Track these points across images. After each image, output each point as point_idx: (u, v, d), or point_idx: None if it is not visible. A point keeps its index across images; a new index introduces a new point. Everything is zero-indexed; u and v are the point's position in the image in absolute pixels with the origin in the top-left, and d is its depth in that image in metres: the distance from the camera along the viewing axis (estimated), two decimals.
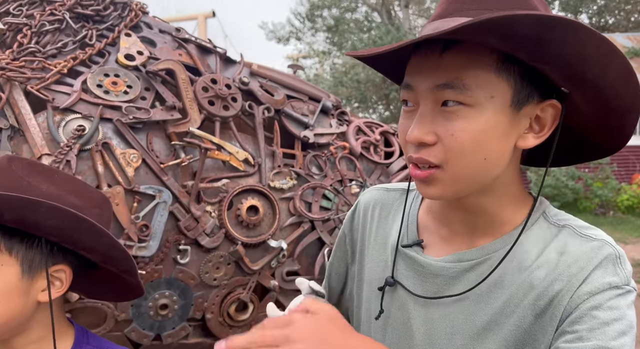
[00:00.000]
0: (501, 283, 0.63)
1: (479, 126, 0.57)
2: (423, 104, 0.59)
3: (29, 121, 1.29)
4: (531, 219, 0.65)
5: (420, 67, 0.59)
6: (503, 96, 0.57)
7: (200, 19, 8.19)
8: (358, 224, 0.82)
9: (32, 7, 1.50)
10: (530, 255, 0.63)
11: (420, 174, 0.60)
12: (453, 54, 0.57)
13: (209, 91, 1.62)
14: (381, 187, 0.82)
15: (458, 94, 0.56)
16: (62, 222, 0.71)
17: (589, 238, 0.62)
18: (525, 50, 0.54)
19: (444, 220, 0.70)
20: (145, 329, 1.47)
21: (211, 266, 1.51)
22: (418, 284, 0.68)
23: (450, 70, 0.57)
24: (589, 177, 8.76)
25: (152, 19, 1.75)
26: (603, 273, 0.58)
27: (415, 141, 0.58)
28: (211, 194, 1.54)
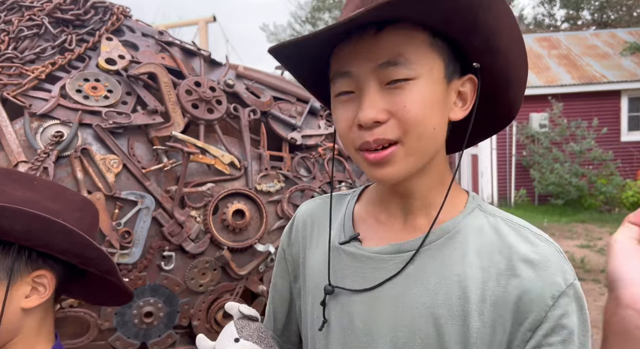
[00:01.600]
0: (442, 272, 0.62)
1: (425, 96, 0.59)
2: (366, 86, 0.60)
3: (5, 128, 1.27)
4: (467, 208, 0.67)
5: (356, 51, 0.60)
6: (438, 68, 0.61)
7: (201, 24, 8.21)
8: (297, 236, 0.80)
9: (10, 13, 1.48)
10: (470, 247, 0.63)
11: (380, 155, 0.60)
12: (388, 33, 0.58)
13: (193, 94, 1.59)
14: (318, 198, 0.83)
15: (402, 69, 0.58)
16: (30, 226, 0.71)
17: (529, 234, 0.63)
18: (459, 22, 0.57)
19: (382, 205, 0.71)
20: (130, 338, 1.44)
21: (197, 272, 1.48)
22: (359, 280, 0.67)
23: (390, 48, 0.58)
24: (593, 174, 8.68)
25: (135, 22, 1.73)
26: (557, 271, 0.59)
27: (371, 120, 0.58)
28: (196, 198, 1.51)
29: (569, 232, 7.05)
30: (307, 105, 1.85)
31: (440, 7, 0.55)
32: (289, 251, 0.82)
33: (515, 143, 9.53)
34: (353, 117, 0.61)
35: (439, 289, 0.61)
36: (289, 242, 0.82)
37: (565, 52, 11.04)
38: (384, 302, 0.64)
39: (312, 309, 0.73)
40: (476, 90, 0.64)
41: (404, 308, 0.63)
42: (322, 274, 0.72)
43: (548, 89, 9.45)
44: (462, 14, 0.56)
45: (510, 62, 0.63)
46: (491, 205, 0.69)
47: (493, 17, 0.58)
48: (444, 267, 0.63)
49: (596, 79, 9.65)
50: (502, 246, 0.62)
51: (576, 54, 10.92)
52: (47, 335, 0.79)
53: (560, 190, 8.73)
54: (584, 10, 17.20)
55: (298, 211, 0.83)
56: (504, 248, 0.62)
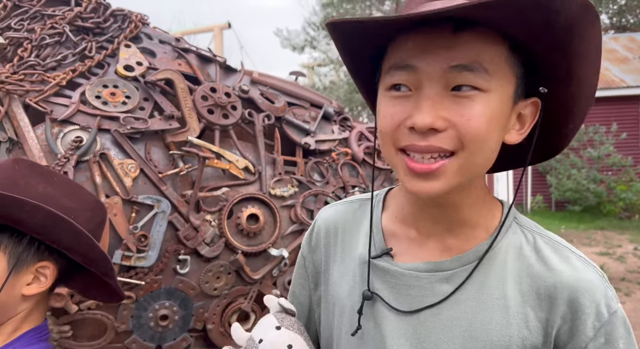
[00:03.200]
0: (480, 296, 0.60)
1: (491, 111, 0.54)
2: (429, 87, 0.54)
3: (27, 133, 1.30)
4: (505, 225, 0.63)
5: (428, 45, 0.53)
6: (508, 86, 0.56)
7: (216, 30, 8.32)
8: (319, 244, 0.76)
9: (33, 21, 1.52)
10: (510, 268, 0.60)
11: (429, 167, 0.54)
12: (468, 35, 0.53)
13: (208, 99, 1.62)
14: (338, 203, 0.78)
15: (476, 77, 0.53)
16: (45, 221, 0.76)
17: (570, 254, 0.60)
18: (550, 37, 0.52)
19: (412, 222, 0.67)
20: (146, 341, 1.46)
21: (211, 276, 1.50)
22: (392, 296, 0.64)
23: (468, 51, 0.53)
24: (612, 180, 8.52)
25: (153, 29, 1.76)
26: (600, 299, 0.57)
27: (427, 127, 0.53)
28: (211, 203, 1.53)
29: (588, 240, 6.92)
30: (320, 110, 1.86)
31: (539, 20, 0.49)
32: (310, 259, 0.78)
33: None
34: (404, 116, 0.55)
35: (477, 313, 0.59)
36: (309, 249, 0.78)
37: None
38: (419, 321, 0.61)
39: (340, 316, 0.69)
40: (537, 115, 0.59)
41: (439, 329, 0.60)
42: (349, 285, 0.69)
43: None
44: (556, 32, 0.51)
45: (580, 94, 0.58)
46: (525, 217, 0.66)
47: (586, 43, 0.52)
48: (482, 290, 0.60)
49: (615, 84, 9.50)
50: (543, 269, 0.59)
51: None
52: (35, 320, 0.83)
53: (578, 196, 8.59)
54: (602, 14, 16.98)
55: (319, 217, 0.78)
56: (545, 271, 0.59)
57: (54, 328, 1.35)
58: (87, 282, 0.92)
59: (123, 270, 1.39)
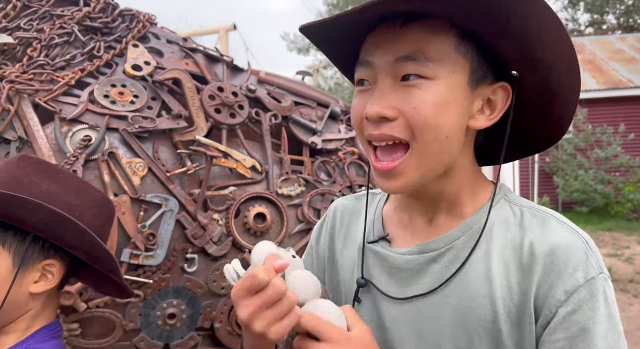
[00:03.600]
0: (467, 272, 0.61)
1: (439, 98, 0.56)
2: (382, 80, 0.58)
3: (37, 133, 1.31)
4: (494, 199, 0.64)
5: (379, 41, 0.58)
6: (461, 72, 0.57)
7: (222, 32, 8.35)
8: (326, 232, 0.80)
9: (42, 21, 1.53)
10: (495, 242, 0.61)
11: (388, 166, 0.58)
12: (414, 27, 0.56)
13: (216, 98, 1.62)
14: (351, 196, 0.82)
15: (420, 66, 0.56)
16: (46, 219, 0.76)
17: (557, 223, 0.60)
18: (489, 23, 0.54)
19: (405, 207, 0.70)
20: (154, 339, 1.46)
21: (219, 275, 1.50)
22: (386, 281, 0.67)
23: (412, 43, 0.56)
24: (620, 181, 8.46)
25: (160, 29, 1.77)
26: (577, 264, 0.56)
27: (376, 115, 0.57)
28: (218, 202, 1.53)
29: (596, 241, 6.85)
30: (327, 109, 1.86)
31: (467, 4, 0.52)
32: (316, 248, 0.81)
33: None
34: (363, 109, 0.59)
35: (464, 290, 0.60)
36: (317, 238, 0.82)
37: (590, 57, 10.84)
38: (411, 304, 0.63)
39: (344, 300, 0.73)
40: (509, 100, 0.60)
41: (430, 308, 0.62)
42: (350, 270, 0.72)
43: None
44: (491, 15, 0.53)
45: (553, 79, 0.59)
46: (518, 196, 0.66)
47: (531, 24, 0.54)
48: (469, 266, 0.61)
49: (622, 84, 9.44)
50: (525, 238, 0.60)
51: (601, 59, 10.70)
52: (47, 317, 0.84)
53: (585, 197, 8.53)
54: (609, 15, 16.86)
55: (330, 208, 0.82)
56: (526, 241, 0.59)
57: (63, 326, 1.35)
58: (98, 277, 0.92)
59: (131, 268, 1.39)
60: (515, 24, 0.53)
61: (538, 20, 0.54)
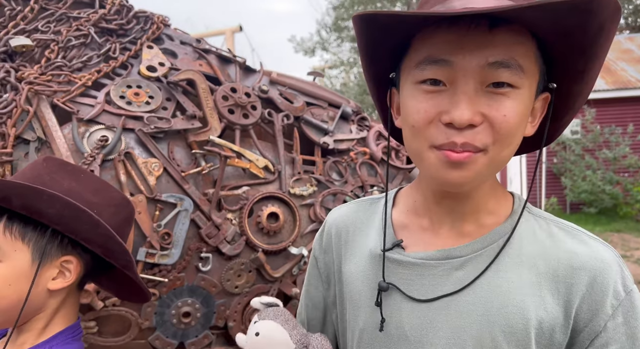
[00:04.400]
0: (496, 281, 0.61)
1: (524, 108, 0.56)
2: (465, 83, 0.54)
3: (55, 133, 1.33)
4: (516, 211, 0.64)
5: (463, 42, 0.54)
6: (535, 82, 0.57)
7: (227, 33, 8.37)
8: (330, 244, 0.77)
9: (59, 24, 1.56)
10: (525, 252, 0.61)
11: (461, 156, 0.54)
12: (503, 32, 0.53)
13: (229, 99, 1.64)
14: (348, 204, 0.79)
15: (513, 74, 0.54)
16: (63, 211, 0.76)
17: (583, 236, 0.62)
18: (579, 38, 0.53)
19: (425, 212, 0.68)
20: (169, 337, 1.48)
21: (233, 274, 1.51)
22: (406, 286, 0.65)
23: (505, 49, 0.53)
24: (629, 182, 8.39)
25: (174, 31, 1.79)
26: (618, 279, 0.58)
27: (467, 122, 0.53)
28: (232, 201, 1.55)
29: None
30: (338, 110, 1.87)
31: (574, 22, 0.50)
32: (322, 259, 0.78)
33: (545, 150, 9.32)
34: (437, 112, 0.55)
35: (493, 297, 0.59)
36: (321, 249, 0.79)
37: None
38: (435, 309, 0.62)
39: (355, 313, 0.70)
40: (545, 109, 0.61)
41: (455, 316, 0.61)
42: (363, 281, 0.69)
43: None
44: (587, 34, 0.52)
45: (586, 89, 0.60)
46: (536, 208, 0.67)
47: (605, 41, 0.54)
48: (497, 274, 0.60)
49: (631, 84, 9.36)
50: (559, 251, 0.60)
51: (610, 59, 10.62)
52: (66, 316, 0.83)
53: (594, 198, 8.48)
54: None
55: (329, 217, 0.79)
56: (561, 253, 0.60)
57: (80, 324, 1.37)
58: (116, 281, 0.93)
59: (147, 267, 1.41)
60: (599, 41, 0.53)
61: (609, 38, 0.53)
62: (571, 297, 0.58)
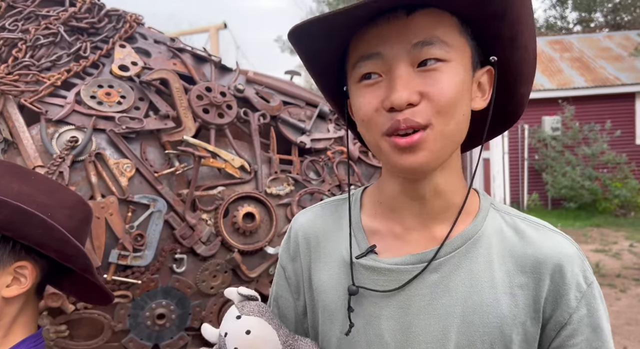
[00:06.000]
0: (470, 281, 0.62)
1: (458, 79, 0.58)
2: (398, 68, 0.58)
3: (22, 134, 1.30)
4: (483, 209, 0.66)
5: (386, 33, 0.58)
6: (467, 56, 0.61)
7: (212, 31, 8.30)
8: (297, 250, 0.75)
9: (27, 22, 1.52)
10: (494, 250, 0.62)
11: (412, 138, 0.57)
12: (420, 16, 0.58)
13: (204, 99, 1.62)
14: (313, 208, 0.78)
15: (438, 49, 0.57)
16: (12, 217, 0.73)
17: (546, 230, 0.64)
18: (491, 6, 0.57)
19: (394, 216, 0.67)
20: (143, 340, 1.46)
21: (208, 275, 1.50)
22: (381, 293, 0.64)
23: (424, 29, 0.57)
24: (607, 178, 8.56)
25: (148, 29, 1.76)
26: (579, 272, 0.60)
27: (405, 102, 0.56)
28: (207, 202, 1.54)
29: (584, 237, 6.96)
30: (316, 109, 1.87)
31: None
32: (291, 268, 0.76)
33: (527, 147, 9.45)
34: (380, 101, 0.58)
35: (468, 297, 0.60)
36: (288, 258, 0.76)
37: (578, 55, 10.94)
38: (412, 314, 0.62)
39: (329, 324, 0.69)
40: (492, 82, 0.64)
41: (434, 319, 0.61)
42: (337, 289, 0.68)
43: (561, 92, 9.37)
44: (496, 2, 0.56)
45: (527, 56, 0.63)
46: (499, 203, 0.68)
47: (524, 9, 0.58)
48: (471, 274, 0.61)
49: (610, 82, 9.54)
50: (525, 246, 0.62)
51: (589, 57, 10.81)
52: (26, 325, 0.80)
53: (574, 194, 8.63)
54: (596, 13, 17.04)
55: (294, 223, 0.77)
56: (527, 249, 0.62)
57: (51, 328, 1.35)
58: (76, 284, 0.90)
59: (119, 269, 1.39)
60: (513, 4, 0.57)
61: (527, 3, 0.57)
62: (539, 291, 0.60)
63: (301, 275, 0.74)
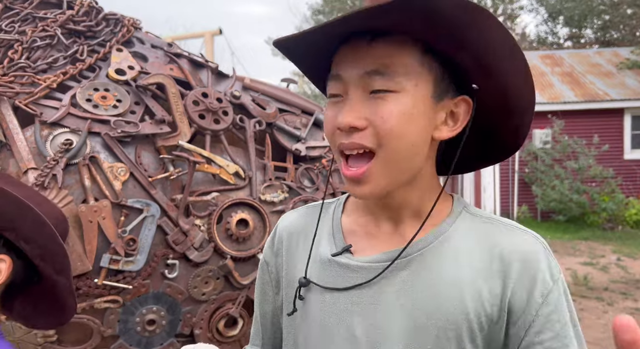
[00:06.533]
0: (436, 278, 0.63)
1: (405, 109, 0.60)
2: (352, 92, 0.61)
3: (16, 135, 1.29)
4: (454, 212, 0.68)
5: (349, 56, 0.62)
6: (426, 85, 0.61)
7: (207, 36, 8.32)
8: (280, 247, 0.78)
9: (24, 24, 1.52)
10: (462, 249, 0.65)
11: (356, 172, 0.61)
12: (381, 43, 0.60)
13: (200, 104, 1.62)
14: (299, 209, 0.82)
15: (387, 80, 0.60)
16: (7, 207, 0.73)
17: (514, 229, 0.66)
18: (447, 35, 0.58)
19: (370, 218, 0.71)
20: (133, 346, 1.45)
21: (200, 281, 1.49)
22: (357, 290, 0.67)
23: (379, 58, 0.60)
24: (595, 192, 8.66)
25: (145, 34, 1.77)
26: (545, 268, 0.62)
27: (347, 125, 0.60)
28: (200, 207, 1.53)
29: (572, 250, 7.01)
30: (311, 117, 1.87)
31: (423, 18, 0.56)
32: (273, 263, 0.79)
33: (517, 159, 9.54)
34: (335, 119, 0.63)
35: (432, 295, 0.62)
36: (272, 253, 0.80)
37: (569, 70, 11.11)
38: (382, 310, 0.64)
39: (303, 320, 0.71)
40: (470, 112, 0.64)
41: (401, 315, 0.63)
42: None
43: (551, 106, 9.49)
44: (447, 28, 0.57)
45: (510, 89, 0.63)
46: (476, 208, 0.70)
47: (476, 33, 0.57)
48: (438, 272, 0.63)
49: (599, 97, 9.69)
50: (492, 245, 0.64)
51: (579, 72, 10.98)
52: None
53: (563, 207, 8.71)
54: (586, 29, 17.35)
55: (281, 222, 0.81)
56: (494, 247, 0.64)
57: (39, 332, 1.33)
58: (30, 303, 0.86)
59: (111, 274, 1.38)
60: (469, 34, 0.58)
61: (489, 28, 0.57)
62: (505, 288, 0.61)
63: (282, 271, 0.77)
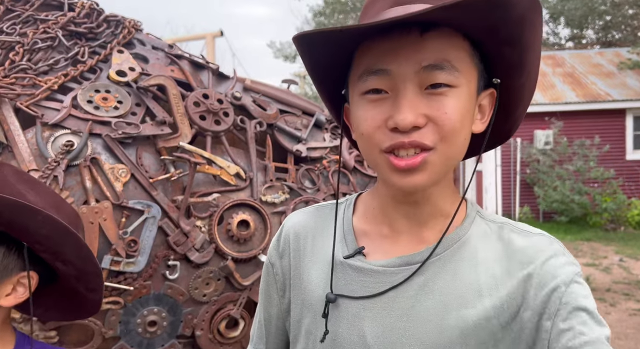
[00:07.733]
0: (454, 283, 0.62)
1: (464, 104, 0.59)
2: (405, 88, 0.57)
3: (18, 137, 1.30)
4: (470, 216, 0.67)
5: (397, 50, 0.57)
6: (473, 80, 0.61)
7: (208, 38, 8.35)
8: (287, 248, 0.76)
9: (25, 26, 1.52)
10: (479, 254, 0.63)
11: (413, 161, 0.57)
12: (433, 37, 0.57)
13: (201, 105, 1.62)
14: (307, 209, 0.79)
15: (448, 75, 0.57)
16: (52, 233, 0.73)
17: (529, 233, 0.65)
18: (505, 31, 0.56)
19: (384, 219, 0.69)
20: (134, 347, 1.45)
21: (201, 282, 1.49)
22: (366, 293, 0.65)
23: (436, 52, 0.57)
24: (597, 193, 8.64)
25: (146, 35, 1.77)
26: (564, 262, 0.61)
27: (409, 125, 0.56)
28: (201, 208, 1.53)
29: (575, 251, 6.99)
30: (312, 118, 1.87)
31: (495, 16, 0.54)
32: (279, 265, 0.76)
33: (519, 160, 9.53)
34: (384, 118, 0.58)
35: (452, 300, 0.61)
36: (277, 255, 0.77)
37: (570, 70, 11.10)
38: (396, 316, 0.62)
39: (312, 323, 0.69)
40: (493, 104, 0.64)
41: (417, 322, 0.61)
42: (325, 289, 0.68)
43: (553, 107, 9.48)
44: (510, 26, 0.55)
45: (529, 82, 0.64)
46: (486, 212, 0.70)
47: (535, 35, 0.57)
48: (455, 277, 0.62)
49: (601, 97, 9.67)
50: (509, 250, 0.63)
51: (581, 72, 10.96)
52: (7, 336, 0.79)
53: (564, 208, 8.69)
54: (588, 30, 17.33)
55: (287, 222, 0.78)
56: (511, 252, 0.62)
57: (40, 334, 1.33)
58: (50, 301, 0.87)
59: (112, 275, 1.38)
60: (526, 32, 0.57)
61: (536, 29, 0.57)
62: (525, 292, 0.60)
63: (288, 273, 0.75)
